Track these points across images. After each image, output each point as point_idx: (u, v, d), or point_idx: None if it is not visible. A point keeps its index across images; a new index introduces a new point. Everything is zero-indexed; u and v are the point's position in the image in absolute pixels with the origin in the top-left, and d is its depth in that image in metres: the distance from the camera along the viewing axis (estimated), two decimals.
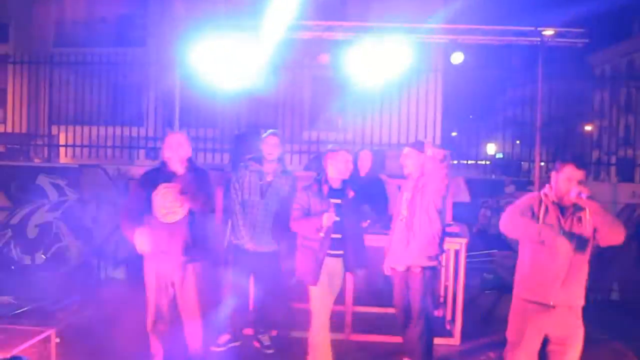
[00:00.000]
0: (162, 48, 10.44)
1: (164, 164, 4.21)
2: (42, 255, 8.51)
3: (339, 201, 4.33)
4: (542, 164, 8.11)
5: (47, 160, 10.18)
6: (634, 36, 34.76)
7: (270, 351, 5.10)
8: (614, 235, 3.30)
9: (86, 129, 10.18)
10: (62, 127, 10.36)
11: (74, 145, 10.17)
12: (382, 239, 4.85)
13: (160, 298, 4.26)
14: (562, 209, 3.42)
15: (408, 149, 4.50)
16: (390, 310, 6.03)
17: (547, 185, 3.52)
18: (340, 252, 4.39)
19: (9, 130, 10.29)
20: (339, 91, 14.51)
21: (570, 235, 3.38)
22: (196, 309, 4.30)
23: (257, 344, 5.17)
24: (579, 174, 3.36)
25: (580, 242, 3.39)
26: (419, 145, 4.47)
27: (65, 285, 7.26)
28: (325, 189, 4.36)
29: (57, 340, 4.11)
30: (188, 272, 4.22)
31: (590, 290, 7.89)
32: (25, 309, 5.18)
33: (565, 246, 3.37)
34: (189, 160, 4.21)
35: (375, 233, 5.09)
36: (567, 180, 3.36)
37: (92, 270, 8.42)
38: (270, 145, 4.97)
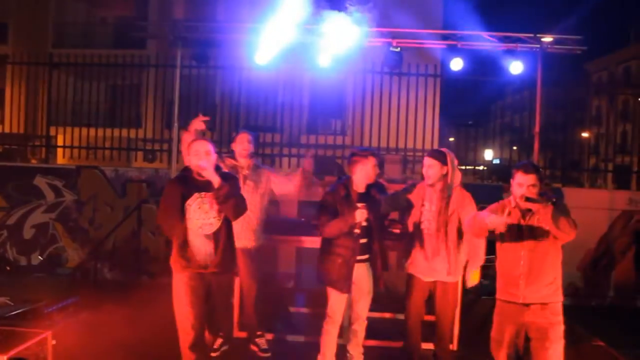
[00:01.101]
0: (161, 50, 10.42)
1: (189, 171, 3.99)
2: (39, 257, 8.49)
3: (363, 204, 4.25)
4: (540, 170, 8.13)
5: (44, 161, 10.16)
6: (630, 44, 34.90)
7: (267, 355, 5.08)
8: (562, 232, 3.42)
9: (84, 130, 10.17)
10: (60, 129, 10.36)
11: (71, 147, 10.16)
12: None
13: (198, 315, 3.96)
14: (523, 212, 3.61)
15: (431, 159, 4.44)
16: (388, 315, 6.04)
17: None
18: (366, 256, 4.37)
19: (7, 130, 10.26)
20: (338, 95, 14.57)
21: (528, 229, 3.57)
22: (229, 321, 4.29)
23: (254, 348, 5.15)
24: (529, 179, 3.51)
25: (537, 239, 3.56)
26: (441, 157, 4.45)
27: (61, 287, 7.25)
28: (354, 195, 4.31)
29: (54, 342, 4.09)
30: (222, 284, 4.11)
31: (587, 297, 7.92)
32: (22, 310, 5.15)
33: (523, 245, 3.58)
34: (217, 166, 3.99)
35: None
36: (518, 185, 3.54)
37: (88, 272, 8.42)
38: (245, 142, 4.99)
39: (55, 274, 8.39)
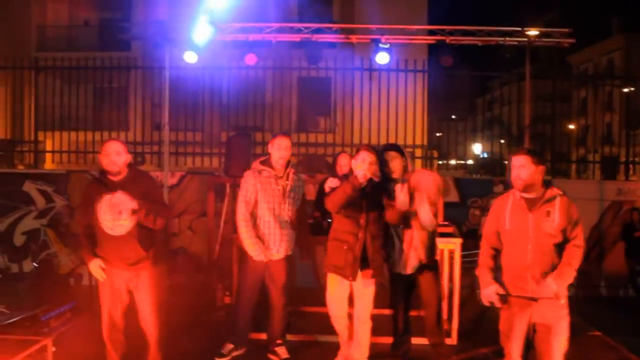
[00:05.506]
0: (146, 52, 10.35)
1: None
2: (34, 264, 8.40)
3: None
4: None
5: (33, 166, 10.05)
6: (613, 35, 35.21)
7: None
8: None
9: (73, 134, 10.06)
10: (49, 133, 10.26)
11: (61, 152, 10.07)
12: None
13: None
14: (530, 203, 3.58)
15: (394, 153, 4.50)
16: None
17: None
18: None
19: None
20: (326, 93, 14.58)
21: (535, 221, 3.56)
22: None
23: (273, 357, 4.90)
24: (520, 160, 3.57)
25: (546, 232, 3.55)
26: (400, 150, 4.55)
27: (55, 293, 7.17)
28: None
29: (54, 349, 4.07)
30: None
31: (579, 287, 7.98)
32: (18, 318, 5.08)
33: (529, 238, 3.54)
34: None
35: None
36: (512, 168, 3.63)
37: (81, 277, 8.35)
38: (282, 148, 4.69)
39: (48, 281, 8.30)
